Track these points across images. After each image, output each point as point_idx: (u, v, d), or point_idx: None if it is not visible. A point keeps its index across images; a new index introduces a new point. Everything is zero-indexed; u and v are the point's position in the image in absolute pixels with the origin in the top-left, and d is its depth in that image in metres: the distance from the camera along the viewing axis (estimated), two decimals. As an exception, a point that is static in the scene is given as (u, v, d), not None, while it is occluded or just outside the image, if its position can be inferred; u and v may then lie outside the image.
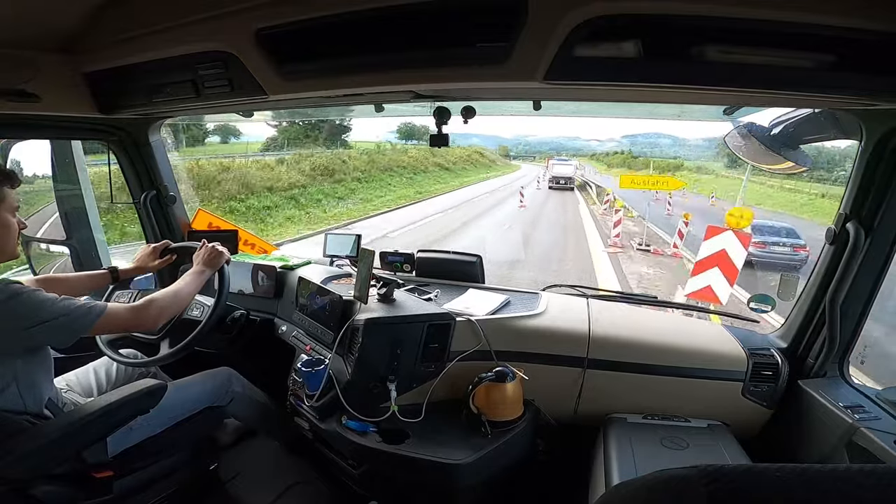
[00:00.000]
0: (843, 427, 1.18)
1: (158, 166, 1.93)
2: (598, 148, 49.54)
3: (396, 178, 19.32)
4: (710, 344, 1.51)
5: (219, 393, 1.54)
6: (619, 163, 41.72)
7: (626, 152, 42.99)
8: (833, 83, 0.81)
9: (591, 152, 49.62)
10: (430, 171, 22.97)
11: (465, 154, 30.43)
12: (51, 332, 1.09)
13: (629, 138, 47.24)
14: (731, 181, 21.37)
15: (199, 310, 1.63)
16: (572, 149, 49.40)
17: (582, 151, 49.52)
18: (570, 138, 53.82)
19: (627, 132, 50.53)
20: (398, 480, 1.38)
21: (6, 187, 1.16)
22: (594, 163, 43.37)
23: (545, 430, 1.55)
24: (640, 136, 45.05)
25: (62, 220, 2.00)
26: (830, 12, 0.71)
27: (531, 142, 52.00)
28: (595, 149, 49.92)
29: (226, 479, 1.67)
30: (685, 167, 29.90)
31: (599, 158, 45.49)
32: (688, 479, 0.37)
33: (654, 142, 42.66)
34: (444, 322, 1.49)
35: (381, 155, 20.49)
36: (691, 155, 31.41)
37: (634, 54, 0.81)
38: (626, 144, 45.88)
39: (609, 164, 42.07)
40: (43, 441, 1.09)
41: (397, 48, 0.94)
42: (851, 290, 1.27)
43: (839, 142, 1.22)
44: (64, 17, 1.17)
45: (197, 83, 1.21)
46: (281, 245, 2.96)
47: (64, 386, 1.38)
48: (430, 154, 23.95)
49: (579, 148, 49.70)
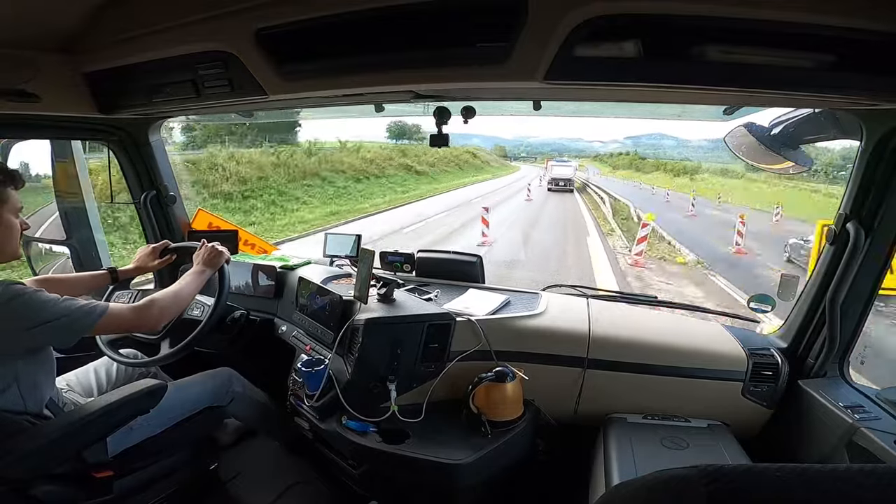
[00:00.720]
0: (844, 427, 1.18)
1: (158, 166, 1.93)
2: (600, 149, 48.82)
3: (317, 189, 14.48)
4: (710, 344, 1.51)
5: (219, 393, 1.54)
6: (625, 164, 40.30)
7: (631, 153, 42.11)
8: (833, 83, 0.81)
9: (593, 153, 48.82)
10: (388, 176, 18.86)
11: (452, 154, 27.52)
12: (52, 332, 1.09)
13: (632, 139, 46.48)
14: (763, 186, 19.71)
15: (200, 309, 1.63)
16: (575, 150, 48.79)
17: (585, 152, 48.89)
18: (573, 139, 53.60)
19: (630, 133, 50.08)
20: (398, 480, 1.38)
21: (10, 188, 1.16)
22: (598, 164, 42.45)
23: (545, 430, 1.54)
24: (643, 138, 44.31)
25: (62, 219, 2.00)
26: (831, 12, 0.71)
27: (533, 143, 51.62)
28: (598, 150, 49.24)
29: (226, 479, 1.67)
30: (703, 170, 28.50)
31: (603, 160, 44.66)
32: (688, 479, 0.37)
33: (658, 143, 41.89)
34: (444, 322, 1.49)
35: (310, 157, 15.77)
36: (694, 156, 30.80)
37: (634, 54, 0.81)
38: (630, 145, 45.08)
39: (614, 166, 40.99)
40: (43, 441, 1.09)
41: (397, 48, 0.94)
42: (851, 290, 1.27)
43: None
44: (64, 17, 1.17)
45: (197, 83, 1.21)
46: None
47: (64, 386, 1.38)
48: (398, 154, 21.22)
49: (582, 149, 49.08)
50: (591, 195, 20.28)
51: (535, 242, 9.86)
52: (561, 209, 16.08)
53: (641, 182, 29.91)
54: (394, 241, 9.03)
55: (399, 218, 12.70)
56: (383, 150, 21.12)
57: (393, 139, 24.42)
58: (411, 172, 20.94)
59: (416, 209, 14.69)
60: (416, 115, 1.63)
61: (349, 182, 16.65)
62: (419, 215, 13.23)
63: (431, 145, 1.34)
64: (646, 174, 34.75)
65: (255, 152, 14.27)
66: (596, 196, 18.15)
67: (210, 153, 12.85)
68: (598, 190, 20.18)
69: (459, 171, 27.58)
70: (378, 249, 1.79)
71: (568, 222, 13.37)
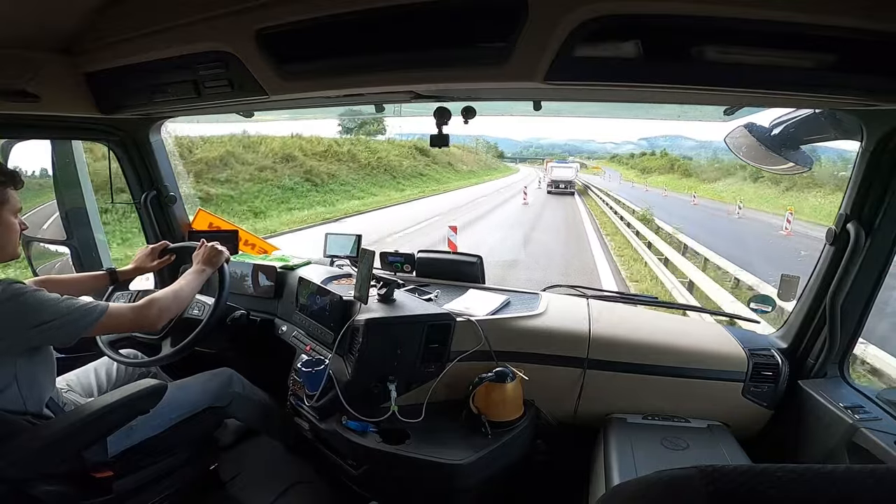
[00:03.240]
0: (844, 427, 1.18)
1: (159, 166, 1.93)
2: (614, 150, 46.44)
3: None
4: (710, 344, 1.51)
5: (219, 393, 1.54)
6: (658, 167, 32.39)
7: (657, 153, 35.07)
8: (833, 83, 0.80)
9: (606, 154, 45.99)
10: (323, 185, 13.89)
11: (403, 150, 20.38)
12: (53, 332, 1.09)
13: (649, 140, 43.65)
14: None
15: (200, 309, 1.64)
16: (587, 151, 47.12)
17: (597, 154, 46.75)
18: (584, 140, 52.48)
19: (645, 134, 48.24)
20: (398, 480, 1.38)
21: (9, 188, 1.16)
22: (617, 166, 35.83)
23: (545, 431, 1.54)
24: (659, 139, 41.34)
25: (62, 219, 1.99)
26: (830, 12, 0.71)
27: (543, 144, 50.44)
28: (611, 151, 46.83)
29: (226, 479, 1.67)
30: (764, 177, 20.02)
31: (622, 161, 39.43)
32: (688, 479, 0.37)
33: (676, 144, 38.76)
34: (444, 322, 1.49)
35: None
36: (726, 158, 24.44)
37: (634, 55, 0.81)
38: (646, 146, 41.87)
39: (643, 170, 34.33)
40: (43, 441, 1.09)
41: (397, 48, 0.94)
42: (852, 290, 1.27)
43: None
44: (64, 17, 1.17)
45: (197, 83, 1.21)
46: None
47: (64, 386, 1.37)
48: (341, 150, 15.92)
49: (594, 150, 47.18)
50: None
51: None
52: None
53: (696, 195, 21.45)
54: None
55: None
56: (317, 145, 15.39)
57: (345, 134, 18.98)
58: (312, 186, 14.58)
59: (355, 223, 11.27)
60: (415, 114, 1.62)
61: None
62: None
63: (431, 145, 1.34)
64: (710, 183, 25.41)
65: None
66: (654, 258, 8.28)
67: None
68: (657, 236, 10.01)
69: (419, 178, 20.58)
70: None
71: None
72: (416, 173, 21.13)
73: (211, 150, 12.55)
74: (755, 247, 9.10)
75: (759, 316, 1.76)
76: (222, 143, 13.10)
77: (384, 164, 18.99)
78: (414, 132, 20.60)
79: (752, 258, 7.97)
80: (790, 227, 10.97)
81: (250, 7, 0.99)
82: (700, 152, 32.19)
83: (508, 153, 51.04)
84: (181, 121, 2.16)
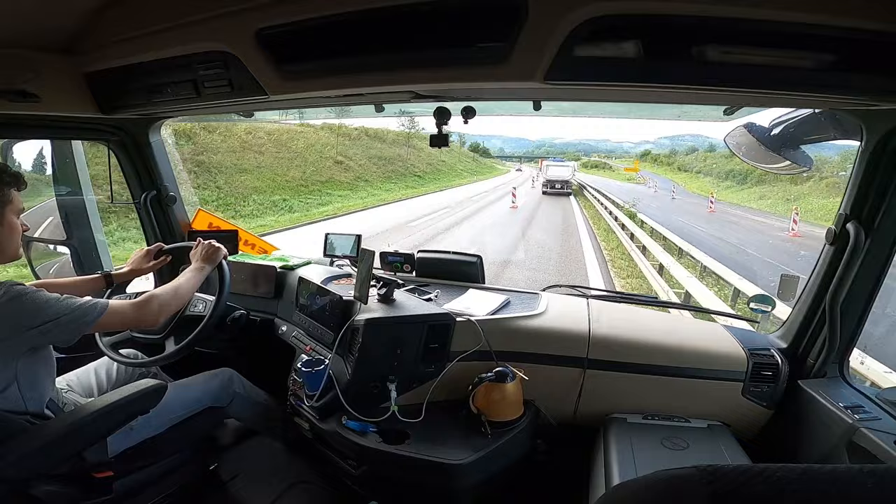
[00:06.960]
0: (844, 427, 1.18)
1: (159, 166, 1.93)
2: (631, 150, 45.19)
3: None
4: (710, 344, 1.51)
5: (219, 393, 1.54)
6: (720, 169, 26.25)
7: (700, 150, 30.53)
8: (833, 83, 0.80)
9: (623, 154, 44.76)
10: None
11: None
12: (53, 331, 1.09)
13: (670, 139, 41.78)
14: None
15: (201, 305, 1.63)
16: (603, 150, 46.09)
17: (615, 153, 45.62)
18: (599, 140, 51.65)
19: (663, 133, 46.78)
20: (398, 480, 1.38)
21: (13, 189, 1.16)
22: (654, 167, 30.32)
23: (545, 431, 1.54)
24: (677, 138, 39.33)
25: (62, 220, 2.00)
26: (830, 12, 0.71)
27: (557, 144, 49.86)
28: (629, 150, 45.57)
29: (226, 479, 1.67)
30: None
31: (659, 160, 34.77)
32: (688, 478, 0.37)
33: (696, 144, 36.88)
34: (444, 322, 1.49)
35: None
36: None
37: (634, 54, 0.81)
38: (668, 145, 40.01)
39: (694, 172, 29.41)
40: (43, 441, 1.09)
41: (397, 48, 0.94)
42: (852, 290, 1.27)
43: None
44: (64, 17, 1.17)
45: (197, 83, 1.21)
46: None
47: (64, 386, 1.38)
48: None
49: (611, 150, 46.28)
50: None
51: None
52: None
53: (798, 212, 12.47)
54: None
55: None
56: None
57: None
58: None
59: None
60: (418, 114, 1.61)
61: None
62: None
63: (431, 145, 1.34)
64: (740, 187, 21.43)
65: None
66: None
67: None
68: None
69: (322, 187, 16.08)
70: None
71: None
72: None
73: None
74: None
75: (756, 317, 1.76)
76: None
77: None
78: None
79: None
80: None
81: (250, 7, 0.99)
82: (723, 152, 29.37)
83: (520, 152, 49.98)
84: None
